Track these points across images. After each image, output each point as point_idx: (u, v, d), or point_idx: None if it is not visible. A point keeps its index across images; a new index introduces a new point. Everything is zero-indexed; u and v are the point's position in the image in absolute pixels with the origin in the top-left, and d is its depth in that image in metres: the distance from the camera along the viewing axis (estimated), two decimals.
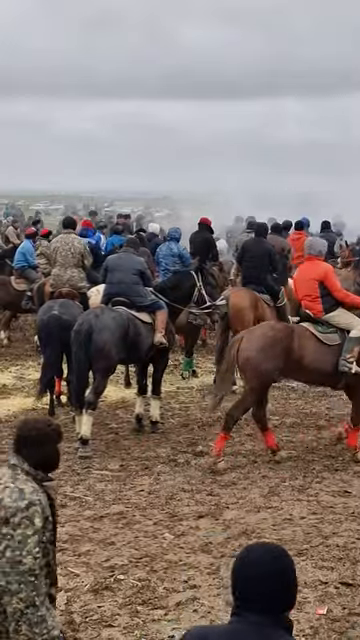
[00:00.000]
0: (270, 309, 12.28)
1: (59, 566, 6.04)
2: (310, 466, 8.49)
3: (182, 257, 12.47)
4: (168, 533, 6.74)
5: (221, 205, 20.90)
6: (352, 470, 8.36)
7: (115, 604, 5.53)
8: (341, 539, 6.58)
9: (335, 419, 10.43)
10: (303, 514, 7.14)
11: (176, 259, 12.29)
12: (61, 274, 10.50)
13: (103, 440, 9.49)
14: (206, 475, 8.20)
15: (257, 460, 8.68)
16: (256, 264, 12.21)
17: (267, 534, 6.67)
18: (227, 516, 7.10)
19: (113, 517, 7.10)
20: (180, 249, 12.56)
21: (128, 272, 9.58)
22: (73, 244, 10.57)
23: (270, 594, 2.48)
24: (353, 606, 5.50)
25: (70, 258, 10.49)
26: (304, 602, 5.53)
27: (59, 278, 10.50)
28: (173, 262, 12.28)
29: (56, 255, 10.57)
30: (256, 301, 12.05)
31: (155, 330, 9.60)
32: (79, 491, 7.77)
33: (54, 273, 10.60)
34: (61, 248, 10.55)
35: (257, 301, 12.06)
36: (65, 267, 10.49)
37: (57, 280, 10.53)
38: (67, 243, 10.58)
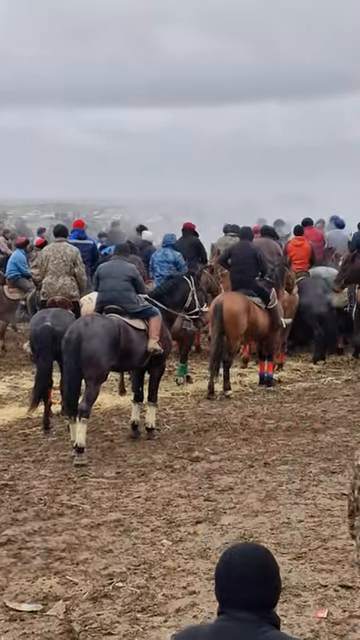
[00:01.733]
0: (262, 312, 12.31)
1: (57, 575, 6.05)
2: (307, 469, 8.48)
3: (177, 263, 12.49)
4: (166, 539, 6.72)
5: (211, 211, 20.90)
6: (349, 472, 8.34)
7: (114, 612, 5.50)
8: (340, 542, 6.57)
9: (331, 422, 10.44)
10: (301, 517, 7.12)
11: (171, 265, 12.30)
12: (53, 282, 10.47)
13: (99, 448, 9.46)
14: (203, 481, 8.18)
15: (254, 465, 8.67)
16: (243, 267, 12.25)
17: (265, 538, 6.65)
18: (225, 521, 7.07)
19: (110, 525, 7.08)
20: (175, 255, 12.58)
21: (120, 279, 9.57)
22: (65, 252, 10.54)
23: (255, 591, 2.53)
24: (353, 609, 5.48)
25: (62, 266, 10.46)
26: (304, 605, 5.51)
27: (51, 287, 10.48)
28: (168, 268, 12.29)
29: (47, 264, 10.54)
30: (249, 305, 12.07)
31: (149, 337, 9.58)
32: (76, 499, 7.74)
33: (46, 282, 10.56)
34: (52, 256, 10.52)
35: (250, 305, 12.09)
36: (57, 275, 10.46)
37: (49, 289, 10.51)
38: (59, 251, 10.55)
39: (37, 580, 6.00)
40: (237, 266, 12.28)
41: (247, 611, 2.51)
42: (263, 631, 2.49)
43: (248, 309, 12.05)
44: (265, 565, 2.59)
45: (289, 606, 5.50)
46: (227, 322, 11.91)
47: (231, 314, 11.91)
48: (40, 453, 9.27)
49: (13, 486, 8.13)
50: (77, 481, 8.27)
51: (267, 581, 2.57)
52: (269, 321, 12.41)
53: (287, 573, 5.97)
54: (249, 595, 2.53)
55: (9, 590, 5.85)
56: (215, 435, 9.89)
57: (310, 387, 12.65)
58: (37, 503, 7.64)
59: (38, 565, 6.26)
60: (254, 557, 2.60)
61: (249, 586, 2.53)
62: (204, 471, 8.48)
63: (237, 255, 12.33)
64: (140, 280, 9.86)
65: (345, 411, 10.99)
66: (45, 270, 10.58)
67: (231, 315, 11.91)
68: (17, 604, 5.63)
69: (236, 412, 11.02)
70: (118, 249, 10.25)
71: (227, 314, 11.89)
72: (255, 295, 12.26)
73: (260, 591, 2.54)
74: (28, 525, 7.09)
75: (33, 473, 8.54)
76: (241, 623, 2.50)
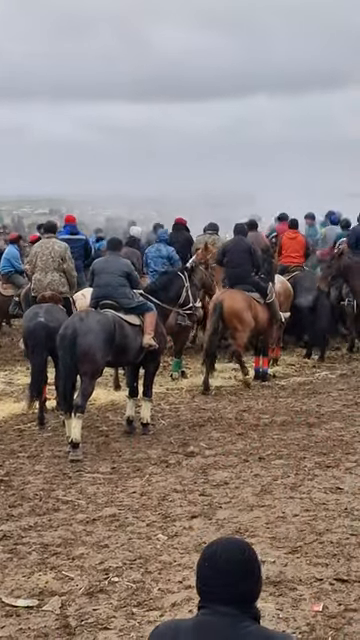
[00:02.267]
0: (261, 306, 12.33)
1: (53, 570, 6.05)
2: (302, 464, 8.49)
3: (171, 259, 12.48)
4: (161, 534, 6.72)
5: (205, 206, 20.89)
6: (344, 467, 8.37)
7: (110, 607, 5.50)
8: (335, 535, 6.58)
9: (325, 416, 10.45)
10: (296, 512, 7.13)
11: (165, 261, 12.29)
12: (42, 279, 10.49)
13: (94, 443, 9.46)
14: (198, 475, 8.19)
15: (249, 459, 8.67)
16: (239, 263, 12.23)
17: (260, 532, 6.66)
18: (220, 516, 7.08)
19: (106, 520, 7.08)
20: (169, 251, 12.57)
21: (115, 274, 9.56)
22: (53, 248, 10.56)
23: (236, 585, 2.54)
24: (349, 602, 5.50)
25: (50, 262, 10.48)
26: (300, 599, 5.52)
27: (39, 283, 10.49)
28: (162, 264, 12.29)
29: (36, 260, 10.56)
30: (250, 301, 12.10)
31: (144, 332, 9.58)
32: (71, 495, 7.74)
33: (35, 278, 10.58)
34: (41, 252, 10.54)
35: (250, 301, 12.10)
36: (45, 271, 10.48)
37: (38, 285, 10.52)
38: (47, 247, 10.57)
39: (33, 575, 6.00)
40: (232, 262, 12.28)
41: (229, 605, 2.52)
42: (245, 626, 2.51)
43: (250, 305, 12.09)
44: (247, 560, 2.60)
45: (285, 600, 5.51)
46: (230, 320, 11.92)
47: (233, 312, 11.92)
48: (35, 449, 9.27)
49: (8, 482, 8.13)
50: (72, 476, 8.27)
51: (249, 576, 2.58)
52: (268, 316, 12.43)
53: (282, 567, 5.99)
54: (231, 590, 2.54)
55: (5, 585, 5.85)
56: (210, 430, 9.89)
57: (305, 382, 12.66)
58: (32, 498, 7.64)
59: (34, 560, 6.26)
60: (236, 552, 2.60)
61: (231, 581, 2.54)
62: (199, 466, 8.49)
63: (232, 251, 12.33)
64: (135, 275, 9.85)
65: (340, 405, 11.00)
66: (34, 266, 10.60)
67: (234, 313, 11.92)
68: (13, 599, 5.63)
69: (231, 407, 11.03)
70: (111, 244, 10.23)
71: (228, 312, 11.89)
72: (253, 290, 12.27)
73: (242, 586, 2.56)
74: (23, 520, 7.10)
75: (28, 469, 8.54)
76: (223, 617, 2.51)
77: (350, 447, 9.04)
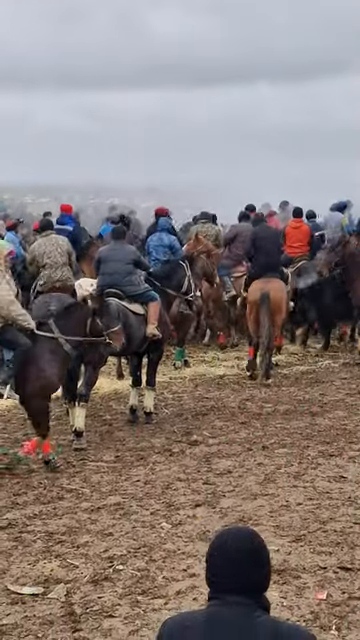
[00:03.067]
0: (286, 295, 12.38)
1: (58, 558, 6.08)
2: (305, 452, 8.51)
3: (173, 248, 12.42)
4: (165, 522, 6.75)
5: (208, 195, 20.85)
6: (347, 455, 8.39)
7: (115, 594, 5.53)
8: (338, 524, 6.60)
9: (328, 405, 10.47)
10: (300, 500, 7.15)
11: (167, 250, 12.25)
12: (52, 274, 10.51)
13: (97, 432, 9.49)
14: (201, 464, 8.21)
15: (252, 448, 8.70)
16: (270, 251, 12.12)
17: (264, 521, 6.68)
18: (224, 504, 7.10)
19: (110, 508, 7.11)
20: (171, 240, 12.50)
21: (122, 262, 9.58)
22: (58, 244, 10.64)
23: (246, 575, 2.53)
24: (353, 590, 5.52)
25: (59, 258, 10.54)
26: (304, 587, 5.55)
27: (50, 278, 10.51)
28: (164, 253, 12.24)
29: (44, 259, 10.57)
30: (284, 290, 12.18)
31: (147, 322, 9.60)
32: (75, 483, 7.77)
33: (44, 274, 10.55)
34: (48, 250, 10.56)
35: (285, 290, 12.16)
36: (55, 268, 10.52)
37: (48, 280, 10.53)
38: (52, 244, 10.60)
39: (38, 563, 6.03)
40: (263, 249, 12.11)
41: (240, 595, 2.51)
42: (257, 615, 2.51)
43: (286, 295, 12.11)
44: (257, 549, 2.60)
45: (289, 588, 5.53)
46: (275, 310, 11.77)
47: (277, 302, 11.80)
48: None
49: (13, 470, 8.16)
50: (76, 465, 8.30)
51: (259, 565, 2.58)
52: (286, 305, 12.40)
53: (286, 555, 6.02)
54: (242, 579, 2.53)
55: (10, 573, 5.88)
56: (213, 419, 9.91)
57: (308, 370, 12.68)
58: (37, 487, 7.67)
59: (39, 548, 6.29)
60: (246, 541, 2.60)
61: (242, 571, 2.53)
62: (203, 455, 8.51)
63: (263, 239, 12.18)
64: (142, 260, 9.87)
65: (343, 394, 11.02)
66: (41, 265, 10.58)
67: (278, 303, 11.81)
68: (18, 587, 5.66)
69: (234, 396, 11.05)
70: (115, 232, 10.24)
71: (275, 302, 11.76)
72: (280, 279, 12.23)
73: (253, 575, 2.55)
74: (28, 509, 7.13)
75: (32, 457, 8.56)
76: (234, 608, 2.51)
77: (353, 436, 9.06)
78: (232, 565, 2.55)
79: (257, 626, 2.48)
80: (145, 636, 4.97)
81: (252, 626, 2.48)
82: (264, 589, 2.59)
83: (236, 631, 2.48)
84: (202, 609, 2.64)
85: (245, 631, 2.47)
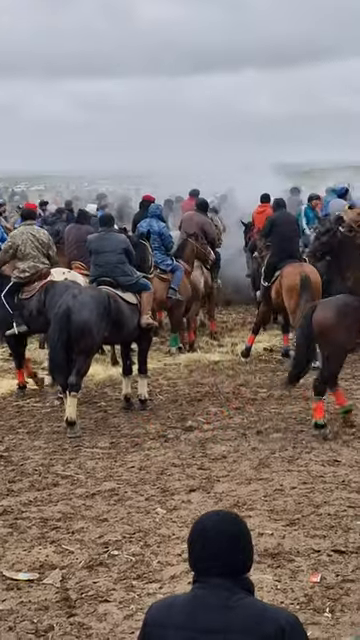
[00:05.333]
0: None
1: (53, 544, 6.10)
2: (299, 437, 8.54)
3: (162, 235, 12.39)
4: (160, 508, 6.78)
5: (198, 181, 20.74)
6: (341, 439, 8.42)
7: (110, 579, 5.56)
8: (332, 507, 6.64)
9: None
10: (294, 484, 7.18)
11: (155, 236, 12.22)
12: (37, 265, 10.38)
13: (92, 418, 9.50)
14: (196, 450, 8.24)
15: (246, 433, 8.72)
16: (290, 236, 12.04)
17: (259, 505, 6.72)
18: (218, 489, 7.13)
19: (105, 494, 7.13)
20: (161, 227, 12.45)
21: (115, 252, 9.54)
22: (39, 236, 10.54)
23: (228, 557, 2.57)
24: (346, 573, 5.55)
25: (40, 249, 10.46)
26: (297, 571, 5.58)
27: (35, 268, 10.38)
28: (153, 239, 12.23)
29: (25, 247, 10.44)
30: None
31: (141, 312, 9.58)
32: (70, 469, 7.79)
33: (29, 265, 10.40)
34: (29, 240, 10.45)
35: None
36: (37, 259, 10.43)
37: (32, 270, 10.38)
38: (33, 235, 10.48)
39: (33, 549, 6.05)
40: (283, 235, 12.02)
41: (221, 577, 2.55)
42: (239, 597, 2.54)
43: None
44: (238, 533, 2.63)
45: (283, 571, 5.57)
46: (316, 295, 11.61)
47: (317, 286, 11.64)
48: (34, 424, 9.31)
49: (8, 457, 8.18)
50: (71, 451, 8.32)
51: (241, 548, 2.61)
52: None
53: (281, 539, 6.05)
54: (224, 562, 2.57)
55: (6, 559, 5.91)
56: (208, 404, 9.93)
57: None
58: (32, 474, 7.69)
59: (34, 534, 6.32)
60: (226, 524, 2.63)
61: (223, 554, 2.57)
62: (197, 440, 8.54)
63: (282, 224, 12.09)
64: (132, 250, 9.82)
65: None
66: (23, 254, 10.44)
67: (317, 287, 11.65)
68: (14, 573, 5.69)
69: (228, 381, 11.06)
70: (104, 220, 10.18)
71: (316, 286, 11.62)
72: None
73: (234, 558, 2.59)
74: (23, 495, 7.15)
75: (27, 444, 8.59)
76: (217, 590, 2.54)
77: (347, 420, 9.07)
78: (212, 547, 2.58)
79: (239, 608, 2.51)
80: (140, 620, 4.95)
81: (234, 608, 2.51)
82: (246, 570, 2.62)
83: (218, 613, 2.51)
84: (186, 592, 2.67)
85: (227, 612, 2.51)
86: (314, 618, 4.96)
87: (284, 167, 29.79)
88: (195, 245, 13.15)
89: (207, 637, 2.50)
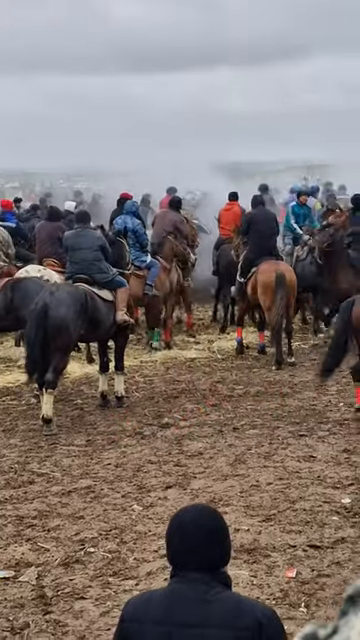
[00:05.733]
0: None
1: (29, 542, 6.08)
2: (275, 433, 8.57)
3: (136, 232, 12.37)
4: (137, 505, 6.77)
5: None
6: (316, 435, 8.45)
7: (86, 576, 5.56)
8: (308, 503, 6.66)
9: (298, 386, 10.53)
10: (270, 480, 7.21)
11: (130, 233, 12.21)
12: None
13: (68, 416, 9.48)
14: (173, 446, 8.24)
15: (223, 429, 8.74)
16: (267, 234, 12.06)
17: (235, 501, 6.73)
18: (195, 485, 7.14)
19: (81, 491, 7.12)
20: (135, 224, 12.43)
21: (91, 249, 9.52)
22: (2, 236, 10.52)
23: (205, 551, 2.57)
24: (322, 568, 5.58)
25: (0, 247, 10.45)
26: (273, 566, 5.60)
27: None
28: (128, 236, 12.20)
29: None
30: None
31: (116, 308, 9.57)
32: (46, 467, 7.76)
33: None
34: None
35: None
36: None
37: None
38: None
39: (9, 547, 6.03)
40: (261, 232, 12.03)
41: (199, 572, 2.56)
42: (216, 591, 2.54)
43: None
44: (216, 528, 2.64)
45: (259, 567, 5.58)
46: (291, 293, 11.71)
47: (292, 284, 11.75)
48: (10, 422, 9.27)
49: None
50: (47, 449, 8.30)
51: (218, 543, 2.62)
52: None
53: (257, 535, 6.07)
54: (201, 557, 2.57)
55: None
56: (184, 401, 9.94)
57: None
58: (7, 471, 7.65)
59: (9, 532, 6.29)
60: (204, 518, 2.64)
61: (201, 548, 2.57)
62: (174, 437, 8.54)
63: (260, 222, 12.09)
64: (108, 247, 9.81)
65: (313, 375, 11.05)
66: None
67: (292, 285, 11.75)
68: None
69: (205, 378, 11.08)
70: (79, 217, 10.17)
71: (291, 284, 11.70)
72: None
73: (212, 553, 2.59)
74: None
75: (3, 442, 8.55)
76: (194, 584, 2.54)
77: (323, 416, 9.13)
78: (190, 541, 2.58)
79: (216, 602, 2.52)
80: (116, 617, 4.95)
81: (211, 602, 2.52)
82: (223, 564, 2.63)
83: (195, 607, 2.51)
84: (163, 587, 2.67)
85: (204, 607, 2.51)
86: (290, 613, 4.98)
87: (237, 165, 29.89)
88: (174, 243, 13.16)
89: (185, 631, 2.50)
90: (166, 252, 13.02)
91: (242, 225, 12.53)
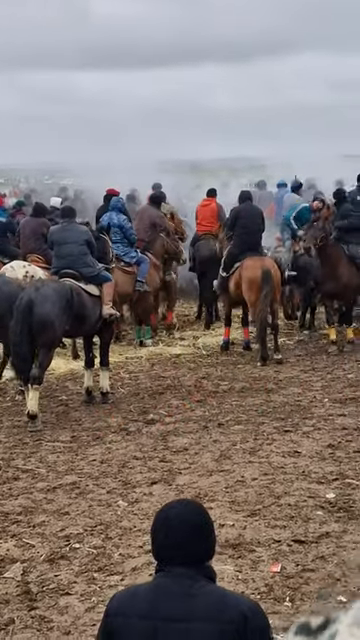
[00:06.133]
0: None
1: (14, 538, 6.07)
2: (260, 429, 8.59)
3: (123, 228, 12.35)
4: (122, 501, 6.78)
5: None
6: (301, 431, 8.48)
7: (71, 572, 5.56)
8: (292, 498, 6.69)
9: (283, 382, 10.56)
10: (255, 475, 7.22)
11: (116, 229, 12.20)
12: None
13: (53, 412, 9.47)
14: (158, 442, 8.25)
15: (208, 425, 8.75)
16: (254, 230, 12.03)
17: (220, 497, 6.74)
18: (180, 481, 7.15)
19: (66, 487, 7.11)
20: (121, 220, 12.41)
21: (77, 244, 9.52)
22: None
23: (190, 546, 2.59)
24: (306, 562, 5.60)
25: None
26: (258, 561, 5.62)
27: None
28: (114, 232, 12.19)
29: None
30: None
31: (102, 303, 9.57)
32: (31, 463, 7.76)
33: None
34: None
35: None
36: None
37: None
38: None
39: None
40: (247, 227, 12.01)
41: (184, 566, 2.57)
42: (201, 585, 2.56)
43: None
44: (201, 523, 2.65)
45: (244, 562, 5.60)
46: (276, 288, 11.70)
47: (277, 280, 11.74)
48: None
49: None
50: (32, 445, 8.29)
51: (203, 538, 2.64)
52: None
53: (242, 530, 6.08)
54: (186, 551, 2.58)
55: None
56: (170, 397, 9.95)
57: None
58: None
59: None
60: (188, 512, 2.66)
61: (186, 543, 2.59)
62: (159, 433, 8.55)
63: (246, 217, 12.04)
64: (94, 242, 9.81)
65: (297, 371, 11.11)
66: None
67: (277, 281, 11.75)
68: None
69: (190, 374, 11.09)
70: (65, 212, 10.17)
71: (276, 280, 11.70)
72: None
73: (197, 547, 2.61)
74: None
75: None
76: (179, 578, 2.56)
77: (307, 412, 9.16)
78: (175, 536, 2.60)
79: (201, 595, 2.53)
80: (101, 612, 4.93)
81: (196, 595, 2.53)
82: (208, 558, 2.64)
83: (180, 601, 2.53)
84: (148, 582, 2.68)
85: (189, 600, 2.52)
86: (274, 607, 5.00)
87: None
88: (166, 240, 13.17)
89: (170, 625, 2.51)
90: (157, 249, 13.05)
91: (228, 219, 12.49)
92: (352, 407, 9.27)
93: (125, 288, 12.06)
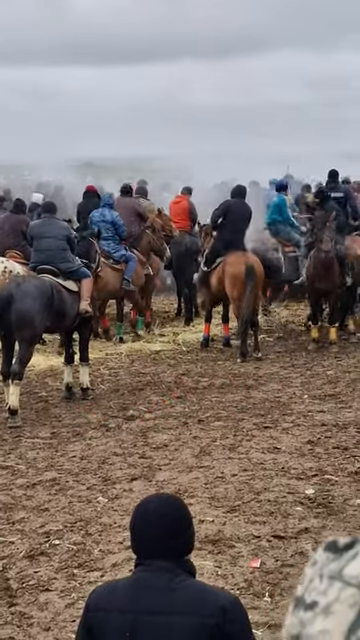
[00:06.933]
0: None
1: None
2: (240, 425, 8.61)
3: (115, 224, 12.34)
4: (102, 497, 6.78)
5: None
6: (281, 427, 8.51)
7: (51, 569, 5.55)
8: (272, 494, 6.71)
9: (263, 378, 10.59)
10: (234, 472, 7.25)
11: (109, 226, 12.19)
12: None
13: (33, 409, 9.45)
14: (138, 438, 8.25)
15: (188, 421, 8.76)
16: (241, 228, 11.97)
17: (200, 493, 6.76)
18: (160, 477, 7.16)
19: (46, 484, 7.10)
20: (113, 216, 12.39)
21: (56, 238, 9.51)
22: None
23: (169, 540, 2.61)
24: (285, 558, 5.63)
25: None
26: (238, 556, 5.64)
27: None
28: (106, 229, 12.17)
29: None
30: None
31: (80, 298, 9.57)
32: (11, 460, 7.74)
33: None
34: None
35: None
36: None
37: None
38: None
39: None
40: (234, 223, 11.93)
41: (163, 560, 2.59)
42: (181, 579, 2.58)
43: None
44: (179, 516, 2.67)
45: (223, 557, 5.62)
46: (259, 284, 11.69)
47: (260, 276, 11.71)
48: None
49: None
50: (12, 442, 8.27)
51: (182, 532, 2.65)
52: None
53: (221, 526, 6.10)
54: (165, 545, 2.60)
55: None
56: (149, 394, 9.95)
57: None
58: None
59: None
60: (167, 506, 2.68)
61: (165, 537, 2.61)
62: (139, 429, 8.55)
63: (235, 213, 11.91)
64: (74, 239, 9.80)
65: (277, 367, 11.16)
66: None
67: (260, 277, 11.72)
68: None
69: (170, 371, 11.10)
70: (46, 207, 10.16)
71: (260, 276, 11.67)
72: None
73: (176, 541, 2.63)
74: None
75: None
76: (159, 572, 2.58)
77: (287, 408, 9.19)
78: (154, 530, 2.61)
79: (180, 589, 2.55)
80: (81, 608, 4.97)
81: (176, 589, 2.54)
82: (187, 552, 2.66)
83: (160, 594, 2.54)
84: (128, 576, 2.69)
85: (169, 594, 2.54)
86: (254, 602, 5.02)
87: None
88: (152, 237, 13.17)
89: (150, 619, 2.52)
90: (143, 245, 13.07)
91: (218, 212, 12.29)
92: (331, 403, 9.33)
93: (114, 285, 12.11)
